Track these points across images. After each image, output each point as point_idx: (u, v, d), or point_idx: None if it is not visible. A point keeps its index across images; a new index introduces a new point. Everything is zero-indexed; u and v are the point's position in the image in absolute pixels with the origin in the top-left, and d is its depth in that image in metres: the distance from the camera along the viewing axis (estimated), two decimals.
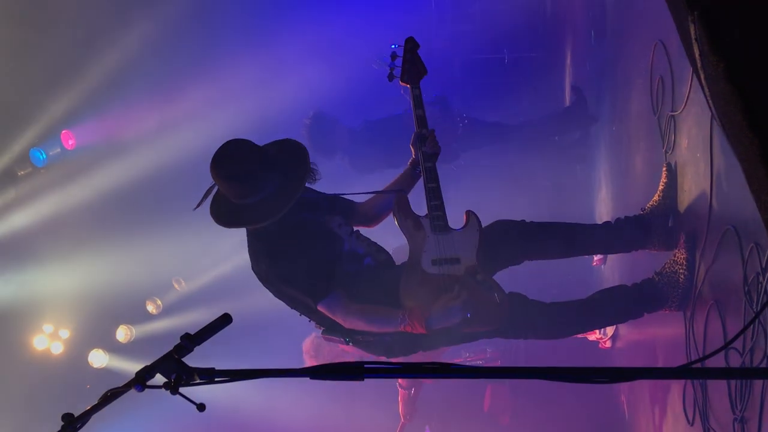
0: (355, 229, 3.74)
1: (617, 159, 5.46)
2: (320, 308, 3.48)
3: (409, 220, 3.58)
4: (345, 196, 3.78)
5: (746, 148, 1.31)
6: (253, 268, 3.58)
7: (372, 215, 3.84)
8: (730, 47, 1.30)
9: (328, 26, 7.24)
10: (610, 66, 5.61)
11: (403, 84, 3.71)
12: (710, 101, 1.51)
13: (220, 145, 3.32)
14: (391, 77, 3.74)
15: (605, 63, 5.79)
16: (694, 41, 1.42)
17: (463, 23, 8.28)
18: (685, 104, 3.55)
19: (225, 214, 3.36)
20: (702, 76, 1.48)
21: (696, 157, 3.41)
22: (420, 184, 3.68)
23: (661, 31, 3.99)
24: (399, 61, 3.73)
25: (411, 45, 3.75)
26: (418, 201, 3.70)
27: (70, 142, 6.38)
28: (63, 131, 6.32)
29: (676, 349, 3.74)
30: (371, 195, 3.82)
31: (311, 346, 5.46)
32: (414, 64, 3.71)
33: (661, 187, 3.77)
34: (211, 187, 3.38)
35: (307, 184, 3.44)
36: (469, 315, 3.37)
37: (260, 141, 3.45)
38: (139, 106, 6.78)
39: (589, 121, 6.35)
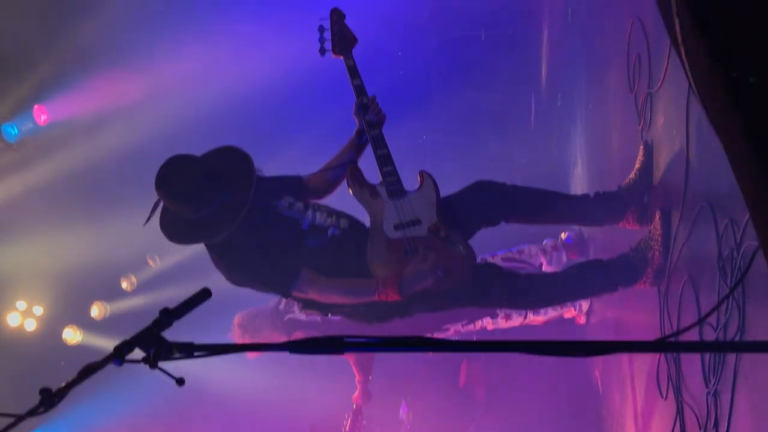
0: (311, 202, 3.71)
1: (593, 136, 5.48)
2: (294, 294, 3.53)
3: (364, 190, 3.58)
4: (291, 174, 3.76)
5: (727, 123, 1.32)
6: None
7: (324, 188, 3.81)
8: (712, 22, 1.30)
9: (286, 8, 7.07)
10: (587, 43, 5.61)
11: (336, 56, 3.68)
12: (690, 76, 1.51)
13: (161, 165, 3.29)
14: (322, 51, 3.69)
15: (582, 40, 5.79)
16: (675, 15, 1.42)
17: (441, 0, 8.24)
18: (662, 82, 3.56)
19: (177, 231, 3.35)
20: (682, 51, 1.47)
21: (672, 135, 3.43)
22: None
23: (638, 7, 3.99)
24: (328, 35, 3.69)
25: (337, 16, 3.71)
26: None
27: (43, 118, 6.30)
28: (35, 106, 6.24)
29: (650, 325, 3.78)
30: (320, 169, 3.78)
31: (240, 321, 5.41)
32: (343, 34, 3.68)
33: (637, 165, 3.78)
34: (158, 202, 3.34)
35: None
36: (440, 273, 3.40)
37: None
38: (113, 82, 6.68)
39: None
